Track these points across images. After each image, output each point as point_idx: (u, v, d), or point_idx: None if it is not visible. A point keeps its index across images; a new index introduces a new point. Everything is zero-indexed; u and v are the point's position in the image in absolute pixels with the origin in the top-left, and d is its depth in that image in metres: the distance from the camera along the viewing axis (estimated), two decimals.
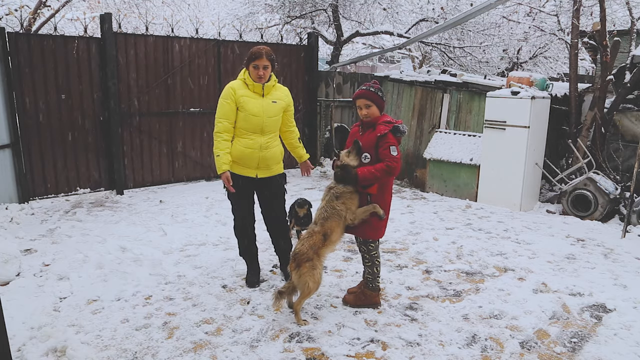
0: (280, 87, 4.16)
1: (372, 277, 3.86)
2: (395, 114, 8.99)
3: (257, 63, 3.89)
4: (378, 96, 3.64)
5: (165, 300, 4.00)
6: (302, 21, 11.86)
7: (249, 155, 3.99)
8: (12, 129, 6.44)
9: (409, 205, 7.04)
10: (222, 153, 3.95)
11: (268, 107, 3.99)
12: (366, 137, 3.66)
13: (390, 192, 3.82)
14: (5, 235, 5.27)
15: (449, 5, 11.02)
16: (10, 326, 3.03)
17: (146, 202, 6.96)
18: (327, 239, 3.61)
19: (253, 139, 3.99)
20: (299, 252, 3.57)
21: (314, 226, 3.68)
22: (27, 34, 7.04)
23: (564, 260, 4.97)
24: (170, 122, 7.85)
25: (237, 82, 4.02)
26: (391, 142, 3.55)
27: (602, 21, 6.82)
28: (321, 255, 3.61)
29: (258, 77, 3.92)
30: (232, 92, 3.94)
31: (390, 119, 3.70)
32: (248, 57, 3.96)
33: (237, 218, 4.26)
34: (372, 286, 3.88)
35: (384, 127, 3.58)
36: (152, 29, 8.87)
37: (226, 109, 3.95)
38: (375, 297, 3.90)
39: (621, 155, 6.94)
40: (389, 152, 3.53)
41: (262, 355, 3.24)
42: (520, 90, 6.65)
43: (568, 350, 3.35)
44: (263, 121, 3.98)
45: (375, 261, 3.83)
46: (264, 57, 3.89)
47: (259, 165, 4.04)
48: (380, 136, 3.56)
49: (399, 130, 3.61)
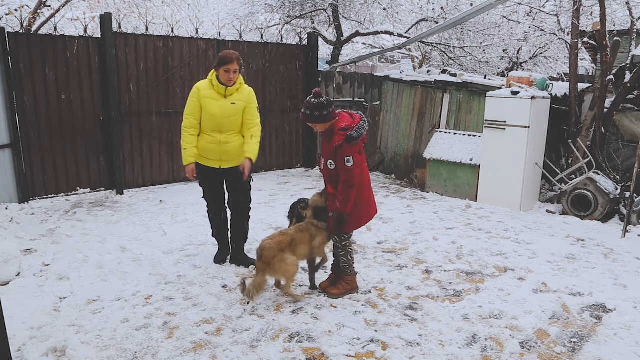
0: (244, 89, 4.48)
1: (348, 265, 4.07)
2: (396, 114, 9.00)
3: (228, 67, 4.23)
4: (316, 117, 3.74)
5: (165, 300, 4.00)
6: (302, 21, 11.85)
7: (211, 149, 4.41)
8: (12, 129, 6.44)
9: (409, 205, 7.04)
10: (189, 147, 4.38)
11: (227, 108, 4.35)
12: (327, 146, 3.83)
13: (367, 186, 3.98)
14: (5, 235, 5.27)
15: (449, 5, 11.01)
16: (10, 326, 3.03)
17: (146, 202, 6.96)
18: (293, 246, 3.89)
19: (214, 136, 4.39)
20: (265, 248, 3.83)
21: (289, 229, 4.05)
22: (27, 34, 7.04)
23: (564, 260, 4.97)
24: (170, 122, 7.85)
25: (204, 82, 4.40)
26: (346, 153, 3.70)
27: (602, 21, 6.82)
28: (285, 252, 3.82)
29: (228, 80, 4.28)
30: (197, 91, 4.34)
31: (347, 121, 3.76)
32: (219, 60, 4.27)
33: (209, 203, 4.70)
34: (350, 272, 4.09)
35: (339, 138, 3.70)
36: (152, 29, 8.86)
37: (192, 107, 4.35)
38: (355, 282, 4.13)
39: (621, 155, 6.94)
40: (344, 164, 3.71)
41: (262, 355, 3.24)
42: (520, 90, 6.65)
43: (568, 350, 3.35)
44: (221, 121, 4.35)
45: (348, 249, 4.05)
46: (235, 61, 4.24)
47: (221, 157, 4.43)
48: (336, 147, 3.71)
49: (353, 137, 3.69)
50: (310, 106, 3.74)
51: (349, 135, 3.68)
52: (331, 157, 3.78)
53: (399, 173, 8.94)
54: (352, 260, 4.07)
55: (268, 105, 8.86)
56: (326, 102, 3.74)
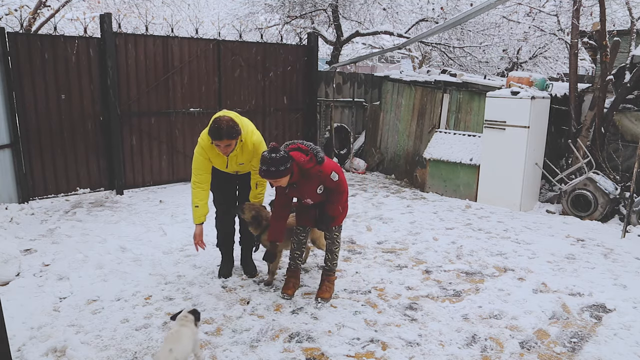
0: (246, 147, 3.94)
1: (336, 262, 4.12)
2: (395, 114, 9.00)
3: (218, 143, 3.72)
4: (278, 172, 3.50)
5: (165, 300, 4.00)
6: (302, 21, 11.86)
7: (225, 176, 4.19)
8: (12, 129, 6.43)
9: (409, 205, 7.04)
10: (201, 204, 4.03)
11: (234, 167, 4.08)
12: (306, 184, 3.76)
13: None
14: (5, 235, 5.27)
15: (449, 5, 11.02)
16: (10, 326, 3.03)
17: (146, 202, 6.96)
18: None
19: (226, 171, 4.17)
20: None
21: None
22: (27, 34, 7.04)
23: (564, 260, 4.97)
24: (170, 122, 7.85)
25: (206, 142, 3.90)
26: (326, 174, 3.70)
27: (602, 21, 6.81)
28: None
29: (223, 152, 3.83)
30: (203, 151, 3.95)
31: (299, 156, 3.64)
32: (209, 131, 3.74)
33: (218, 208, 4.39)
34: (334, 270, 4.15)
35: (314, 170, 3.66)
36: (152, 29, 8.87)
37: (201, 163, 3.99)
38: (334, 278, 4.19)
39: (621, 155, 6.94)
40: (332, 182, 3.74)
41: (262, 355, 3.24)
42: (520, 90, 6.65)
43: (568, 350, 3.35)
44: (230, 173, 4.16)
45: (340, 244, 4.12)
46: (224, 138, 3.67)
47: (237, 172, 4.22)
48: (319, 177, 3.70)
49: (319, 157, 3.69)
50: (270, 161, 3.48)
51: (317, 160, 3.67)
52: (317, 185, 3.78)
53: (399, 173, 8.94)
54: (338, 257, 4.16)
55: (267, 106, 8.85)
56: (286, 154, 3.54)
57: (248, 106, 8.55)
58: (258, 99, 8.73)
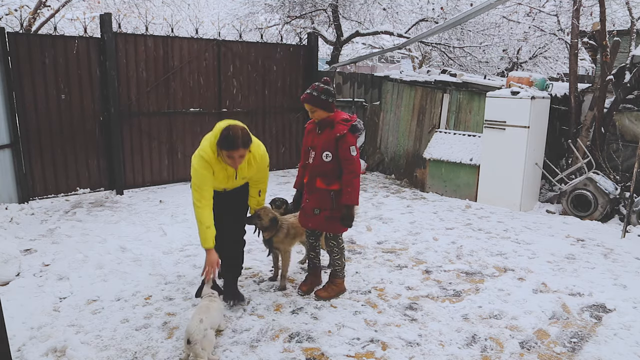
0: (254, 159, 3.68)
1: (341, 267, 4.08)
2: (395, 114, 9.00)
3: (232, 154, 3.40)
4: (321, 100, 3.65)
5: (165, 300, 4.00)
6: (302, 21, 11.85)
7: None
8: (12, 129, 6.43)
9: (409, 205, 7.04)
10: (212, 224, 3.56)
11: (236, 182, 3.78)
12: (325, 136, 3.75)
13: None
14: (5, 235, 5.27)
15: (449, 5, 11.01)
16: (10, 326, 3.03)
17: (146, 202, 6.96)
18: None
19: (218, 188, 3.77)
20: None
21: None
22: (27, 34, 7.03)
23: (564, 260, 4.97)
24: (170, 122, 7.85)
25: (210, 154, 3.52)
26: (350, 142, 3.68)
27: (602, 21, 6.81)
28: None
29: (233, 164, 3.51)
30: (208, 165, 3.54)
31: (347, 116, 3.78)
32: (221, 141, 3.38)
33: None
34: (341, 275, 4.10)
35: (343, 127, 3.67)
36: (152, 29, 8.87)
37: (204, 176, 3.54)
38: (343, 284, 4.14)
39: (621, 155, 6.95)
40: (349, 153, 3.68)
41: (262, 355, 3.24)
42: (520, 90, 6.65)
43: (568, 350, 3.35)
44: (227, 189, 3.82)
45: (343, 252, 4.08)
46: (240, 148, 3.37)
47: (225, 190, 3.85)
48: (339, 136, 3.67)
49: (357, 128, 3.72)
50: (318, 88, 3.66)
51: (353, 125, 3.70)
52: (328, 149, 3.71)
53: (399, 173, 8.94)
54: (344, 263, 4.10)
55: (267, 106, 8.86)
56: (333, 91, 3.70)
57: (248, 106, 8.56)
58: (258, 99, 8.74)
